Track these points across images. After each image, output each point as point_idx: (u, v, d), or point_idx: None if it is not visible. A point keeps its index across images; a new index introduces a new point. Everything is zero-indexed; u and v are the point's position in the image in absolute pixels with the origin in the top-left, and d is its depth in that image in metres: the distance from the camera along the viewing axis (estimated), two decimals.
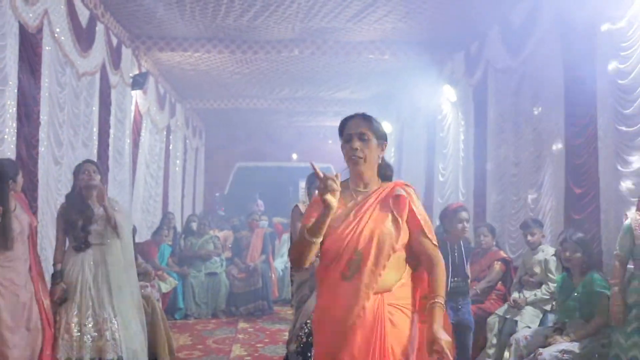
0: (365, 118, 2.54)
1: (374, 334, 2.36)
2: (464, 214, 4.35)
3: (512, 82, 6.47)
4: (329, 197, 2.30)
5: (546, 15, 5.47)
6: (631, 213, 4.02)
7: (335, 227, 2.45)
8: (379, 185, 2.55)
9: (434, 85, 8.91)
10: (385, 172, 2.61)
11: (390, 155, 12.66)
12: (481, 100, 7.31)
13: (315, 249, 2.40)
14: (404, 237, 2.46)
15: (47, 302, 4.21)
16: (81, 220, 4.43)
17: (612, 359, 3.91)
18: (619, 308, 3.85)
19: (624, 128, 4.52)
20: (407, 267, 2.51)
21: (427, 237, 2.47)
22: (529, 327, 4.69)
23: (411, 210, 2.48)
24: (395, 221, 2.45)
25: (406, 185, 2.56)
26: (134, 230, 5.98)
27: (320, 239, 2.40)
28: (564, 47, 5.33)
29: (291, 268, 4.91)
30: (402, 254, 2.47)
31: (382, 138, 2.54)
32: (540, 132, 5.87)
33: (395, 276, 2.44)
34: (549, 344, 4.13)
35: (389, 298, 2.41)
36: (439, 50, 8.14)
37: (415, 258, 2.52)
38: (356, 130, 2.49)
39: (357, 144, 2.47)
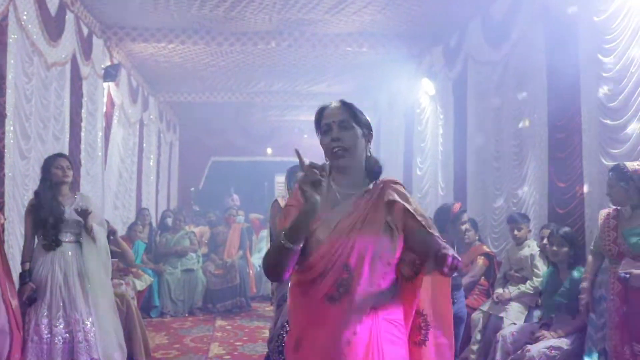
0: (346, 104, 2.16)
1: (369, 357, 2.00)
2: (466, 216, 4.46)
3: (493, 75, 6.41)
4: (309, 190, 1.89)
5: (529, 7, 5.42)
6: (604, 210, 4.01)
7: (321, 239, 2.04)
8: (368, 184, 2.14)
9: (412, 79, 8.86)
10: (372, 169, 2.18)
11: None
12: (461, 93, 7.26)
13: (294, 258, 1.98)
14: (399, 248, 2.10)
15: (15, 303, 4.00)
16: (52, 218, 4.20)
17: (587, 351, 3.93)
18: (585, 301, 3.90)
19: (608, 121, 4.48)
20: (396, 276, 2.15)
21: (431, 232, 2.08)
22: (515, 324, 4.63)
23: (406, 212, 2.09)
24: (389, 230, 2.07)
25: (395, 183, 2.17)
26: (107, 225, 5.79)
27: (300, 246, 1.97)
28: (547, 40, 5.29)
29: None
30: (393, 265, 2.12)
31: (367, 127, 2.16)
32: (522, 126, 5.82)
33: (387, 290, 2.09)
34: (536, 340, 4.08)
35: (383, 313, 2.06)
36: (418, 43, 8.07)
37: (422, 260, 2.13)
38: (336, 118, 2.10)
39: (338, 133, 2.08)
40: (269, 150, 16.49)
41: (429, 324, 2.19)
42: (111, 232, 6.43)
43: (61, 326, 4.16)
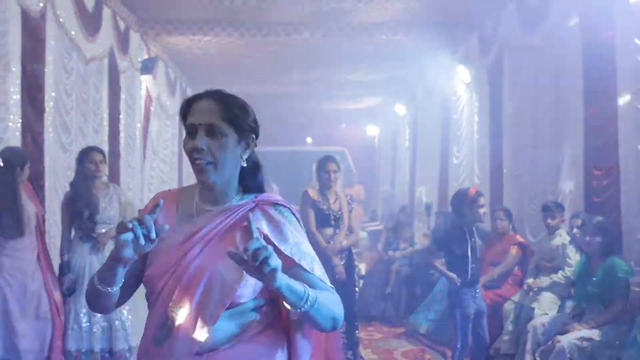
0: (221, 100, 1.66)
1: None
2: (483, 199, 4.36)
3: (528, 61, 6.29)
4: (122, 252, 1.49)
5: None
6: None
7: (152, 261, 1.65)
8: (238, 200, 1.72)
9: (448, 66, 8.73)
10: (247, 183, 1.77)
11: (404, 137, 12.48)
12: (496, 80, 7.13)
13: (110, 298, 1.63)
14: (254, 283, 1.60)
15: (57, 293, 4.17)
16: (87, 210, 4.32)
17: (631, 340, 3.81)
18: None
19: None
20: (265, 323, 1.68)
21: (308, 273, 1.62)
22: (547, 314, 4.57)
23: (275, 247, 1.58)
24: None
25: (275, 204, 1.75)
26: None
27: (116, 288, 1.60)
28: (583, 24, 5.15)
29: None
30: (248, 306, 1.64)
31: (246, 130, 1.70)
32: (558, 113, 5.70)
33: (232, 333, 1.62)
34: (567, 331, 4.02)
35: (214, 357, 1.60)
36: (452, 30, 7.94)
37: None
38: (204, 119, 1.63)
39: (203, 141, 1.62)
40: (309, 140, 16.50)
41: None
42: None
43: (99, 315, 4.30)
